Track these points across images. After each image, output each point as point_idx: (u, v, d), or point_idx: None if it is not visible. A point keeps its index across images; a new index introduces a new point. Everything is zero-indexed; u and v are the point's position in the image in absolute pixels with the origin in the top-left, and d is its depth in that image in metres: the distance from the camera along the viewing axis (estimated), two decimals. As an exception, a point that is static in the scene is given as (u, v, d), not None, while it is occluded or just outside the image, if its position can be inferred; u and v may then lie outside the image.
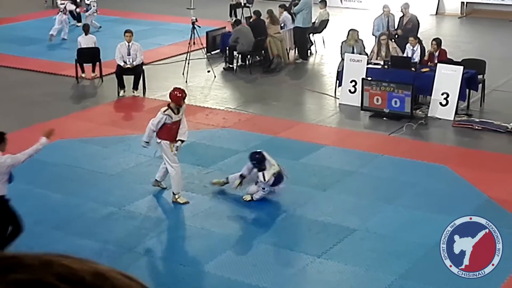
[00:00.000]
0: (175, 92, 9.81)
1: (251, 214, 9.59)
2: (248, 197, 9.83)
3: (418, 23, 17.07)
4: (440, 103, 13.46)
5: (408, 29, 16.52)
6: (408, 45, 14.99)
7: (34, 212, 9.68)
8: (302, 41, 18.04)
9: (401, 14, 17.10)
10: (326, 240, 8.84)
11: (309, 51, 18.35)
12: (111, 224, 9.41)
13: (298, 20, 17.86)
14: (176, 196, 9.87)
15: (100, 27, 20.72)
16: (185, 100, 9.97)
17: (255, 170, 9.73)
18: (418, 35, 15.44)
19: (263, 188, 9.69)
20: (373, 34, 16.57)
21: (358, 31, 15.32)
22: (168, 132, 9.75)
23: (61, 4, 20.21)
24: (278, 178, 9.73)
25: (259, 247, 8.71)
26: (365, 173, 10.98)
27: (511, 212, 9.49)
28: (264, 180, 9.59)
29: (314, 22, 18.51)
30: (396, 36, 16.53)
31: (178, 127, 9.84)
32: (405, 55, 14.81)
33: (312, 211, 9.59)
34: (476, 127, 12.85)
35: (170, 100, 9.86)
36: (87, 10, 20.80)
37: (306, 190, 10.19)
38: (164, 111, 9.70)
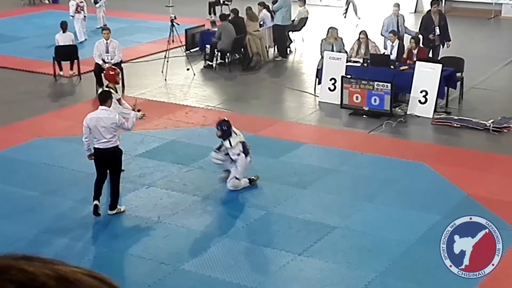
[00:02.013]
0: (107, 72, 10.63)
1: (231, 212, 9.56)
2: (231, 185, 9.87)
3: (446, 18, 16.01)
4: (419, 101, 13.52)
5: (442, 25, 15.50)
6: (388, 41, 15.04)
7: (11, 212, 9.59)
8: (281, 39, 18.03)
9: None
10: (307, 238, 8.84)
11: (288, 49, 18.35)
12: (91, 223, 9.33)
13: (277, 18, 17.85)
14: None
15: (105, 25, 20.20)
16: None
17: (222, 141, 9.95)
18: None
19: (234, 160, 9.87)
20: (381, 34, 15.91)
21: (337, 29, 15.32)
22: None
23: (81, 2, 19.58)
24: (244, 149, 9.94)
25: (240, 245, 8.69)
26: (345, 171, 10.99)
27: (490, 209, 9.54)
28: (231, 145, 9.81)
29: (294, 20, 18.51)
30: (432, 38, 15.29)
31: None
32: (384, 51, 14.85)
33: (293, 209, 9.58)
34: (455, 125, 12.93)
35: (108, 82, 10.63)
36: (96, 2, 20.63)
37: (286, 188, 10.18)
38: None
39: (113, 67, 10.87)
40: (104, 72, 10.72)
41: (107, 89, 9.68)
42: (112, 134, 9.07)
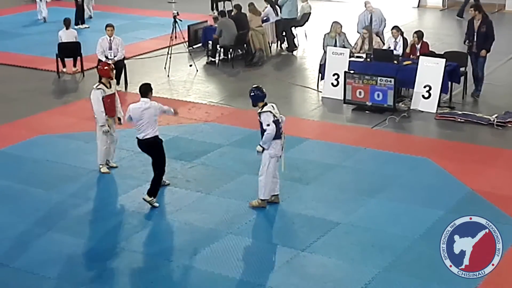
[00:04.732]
0: (102, 67, 10.57)
1: (234, 208, 9.54)
2: (258, 148, 9.42)
3: (492, 23, 14.14)
4: (423, 96, 13.49)
5: (482, 33, 13.87)
6: (390, 37, 15.00)
7: (14, 208, 9.59)
8: (289, 33, 18.05)
9: (470, 17, 14.21)
10: (310, 234, 8.82)
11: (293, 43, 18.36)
12: (94, 220, 9.33)
13: (284, 12, 17.91)
14: (100, 167, 10.70)
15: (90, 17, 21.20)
16: (114, 76, 10.73)
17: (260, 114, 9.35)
18: (401, 28, 15.32)
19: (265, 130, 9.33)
20: (357, 31, 16.09)
21: (341, 24, 15.28)
22: (104, 106, 10.38)
23: None
24: (277, 130, 9.37)
25: (243, 241, 8.68)
26: (348, 166, 10.98)
27: (494, 204, 9.52)
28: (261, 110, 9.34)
29: (294, 19, 18.48)
30: (467, 44, 14.09)
31: (113, 101, 10.53)
32: (386, 47, 14.82)
33: (296, 205, 9.57)
34: (459, 120, 12.90)
35: (102, 76, 10.53)
36: None
37: (289, 184, 10.16)
38: (97, 87, 10.42)
39: (108, 62, 10.97)
40: (99, 67, 10.79)
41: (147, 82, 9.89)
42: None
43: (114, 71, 10.71)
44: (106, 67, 10.52)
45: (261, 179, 9.43)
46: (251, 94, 9.50)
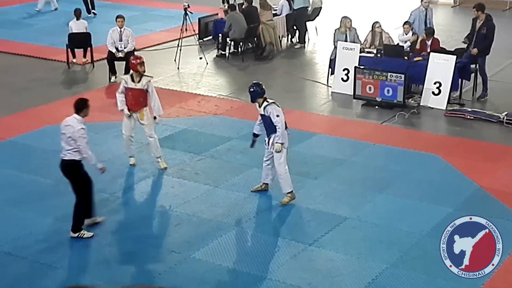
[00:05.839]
0: (131, 60, 10.39)
1: (242, 201, 9.56)
2: (275, 149, 9.31)
3: (494, 27, 13.85)
4: (433, 92, 13.46)
5: (482, 34, 13.68)
6: (401, 32, 14.95)
7: (23, 198, 9.63)
8: (302, 24, 17.98)
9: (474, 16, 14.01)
10: (318, 228, 8.83)
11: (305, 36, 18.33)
12: (102, 211, 9.34)
13: (298, 2, 17.85)
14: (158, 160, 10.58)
15: (56, 8, 21.46)
16: (145, 68, 10.38)
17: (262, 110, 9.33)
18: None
19: (276, 126, 9.27)
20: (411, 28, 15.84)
21: (350, 19, 15.24)
22: (126, 97, 10.28)
23: None
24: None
25: (250, 234, 8.70)
26: (356, 161, 10.97)
27: (502, 202, 9.50)
28: (259, 107, 9.39)
29: (308, 8, 18.45)
30: (463, 42, 14.32)
31: (138, 96, 10.26)
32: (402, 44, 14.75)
33: (304, 199, 9.57)
34: (468, 117, 12.86)
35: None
36: None
37: (298, 179, 10.15)
38: (122, 76, 10.57)
39: (139, 56, 10.62)
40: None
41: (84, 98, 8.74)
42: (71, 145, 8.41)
43: (144, 66, 10.29)
44: (133, 61, 10.25)
45: (281, 174, 9.42)
46: (251, 90, 9.50)
